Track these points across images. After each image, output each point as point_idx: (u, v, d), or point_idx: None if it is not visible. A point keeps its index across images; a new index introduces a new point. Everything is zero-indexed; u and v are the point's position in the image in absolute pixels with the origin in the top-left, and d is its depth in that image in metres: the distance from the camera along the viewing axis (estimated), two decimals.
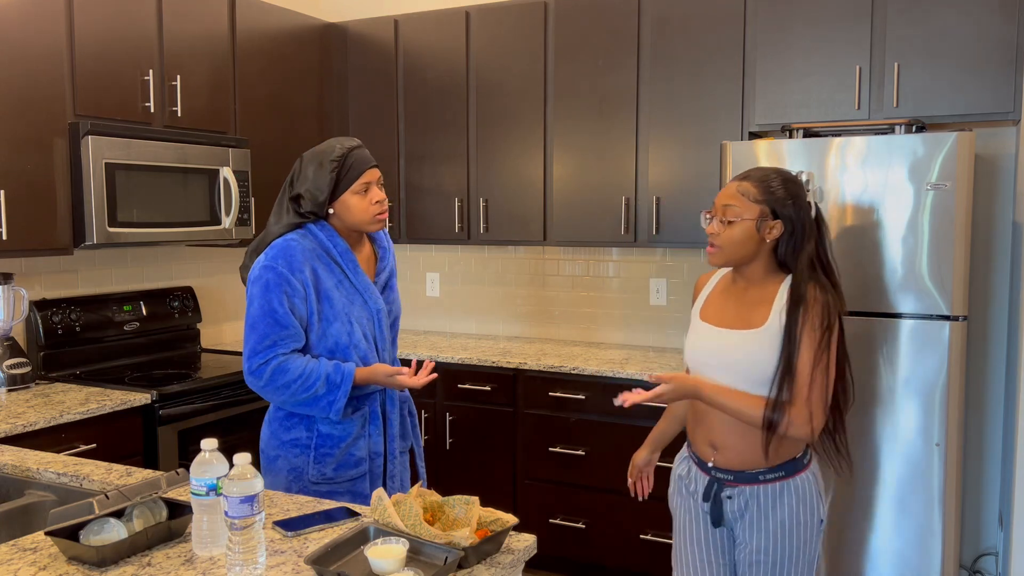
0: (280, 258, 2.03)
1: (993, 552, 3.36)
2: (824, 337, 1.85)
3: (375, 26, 4.06)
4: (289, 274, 2.03)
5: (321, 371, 2.04)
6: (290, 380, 2.03)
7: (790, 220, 1.90)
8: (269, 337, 2.02)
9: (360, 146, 2.12)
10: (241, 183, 3.48)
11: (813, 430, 1.86)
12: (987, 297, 3.31)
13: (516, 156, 3.80)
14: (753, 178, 1.93)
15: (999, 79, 2.91)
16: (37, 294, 3.22)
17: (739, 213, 1.90)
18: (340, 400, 2.05)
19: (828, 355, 1.86)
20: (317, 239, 2.11)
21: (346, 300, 2.12)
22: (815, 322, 1.85)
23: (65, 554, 1.50)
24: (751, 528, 1.97)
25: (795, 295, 1.88)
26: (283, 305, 2.02)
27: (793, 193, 1.91)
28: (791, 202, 1.90)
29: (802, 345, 1.86)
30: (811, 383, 1.85)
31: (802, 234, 1.90)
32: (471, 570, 1.45)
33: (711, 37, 3.36)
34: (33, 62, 2.84)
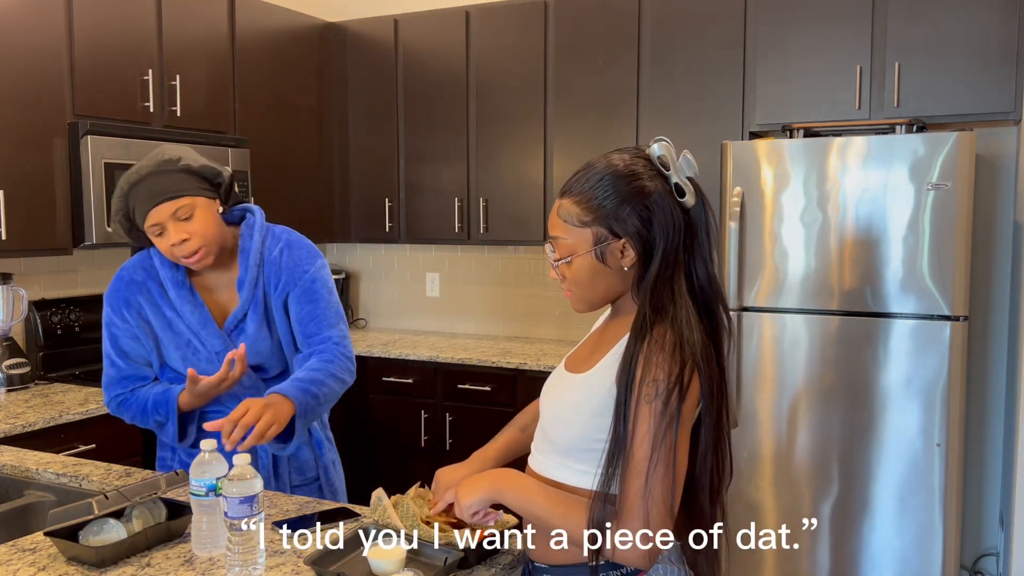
0: (109, 294, 1.91)
1: (994, 552, 3.36)
2: (667, 408, 1.22)
3: (375, 26, 4.06)
4: (112, 313, 1.89)
5: (148, 402, 1.87)
6: (134, 415, 1.91)
7: (637, 235, 1.31)
8: (107, 375, 1.91)
9: (154, 172, 1.79)
10: (241, 183, 3.48)
11: (647, 555, 1.23)
12: (987, 297, 3.31)
13: (516, 156, 3.80)
14: (573, 192, 1.35)
15: (999, 79, 2.91)
16: (36, 294, 3.21)
17: (570, 247, 1.36)
18: (170, 428, 1.87)
19: (674, 436, 1.22)
20: (152, 264, 1.92)
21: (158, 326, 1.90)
22: (656, 387, 1.23)
23: (64, 554, 1.49)
24: None
25: (631, 342, 1.29)
26: (111, 343, 1.89)
27: (628, 193, 1.31)
28: (629, 208, 1.30)
29: (636, 422, 1.24)
30: (647, 480, 1.22)
31: (651, 245, 1.31)
32: (471, 570, 1.45)
33: (711, 37, 3.36)
34: (33, 62, 2.84)
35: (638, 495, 1.22)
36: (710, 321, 1.33)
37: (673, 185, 1.32)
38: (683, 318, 1.27)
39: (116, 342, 1.89)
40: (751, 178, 2.94)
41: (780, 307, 2.93)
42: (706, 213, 1.35)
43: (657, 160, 1.32)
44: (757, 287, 2.96)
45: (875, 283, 2.80)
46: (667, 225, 1.31)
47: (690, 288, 1.32)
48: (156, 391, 1.89)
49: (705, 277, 1.34)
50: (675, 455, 1.23)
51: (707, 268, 1.34)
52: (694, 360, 1.25)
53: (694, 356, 1.25)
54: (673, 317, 1.27)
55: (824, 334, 2.87)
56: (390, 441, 3.83)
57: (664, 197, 1.31)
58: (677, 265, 1.32)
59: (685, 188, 1.32)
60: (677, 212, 1.32)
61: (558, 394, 1.42)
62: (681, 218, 1.33)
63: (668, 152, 1.31)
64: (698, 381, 1.25)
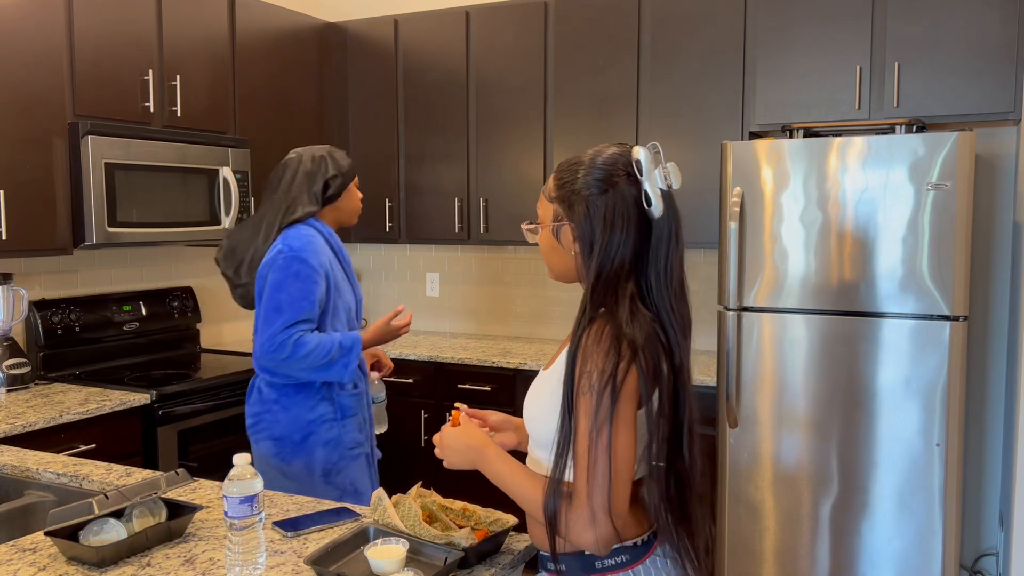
0: (307, 250, 2.26)
1: (993, 552, 3.36)
2: (602, 401, 1.24)
3: (375, 26, 4.06)
4: (317, 265, 2.26)
5: (335, 339, 2.27)
6: (309, 350, 2.22)
7: (580, 224, 1.35)
8: (295, 319, 2.22)
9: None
10: (241, 183, 3.48)
11: (596, 539, 1.26)
12: (987, 297, 3.31)
13: (516, 156, 3.80)
14: (559, 168, 1.42)
15: (999, 79, 2.91)
16: (37, 294, 3.22)
17: (540, 217, 1.46)
18: (353, 362, 2.28)
19: (609, 431, 1.24)
20: (323, 233, 2.35)
21: (343, 290, 2.39)
22: (591, 380, 1.25)
23: (65, 554, 1.49)
24: None
25: (573, 337, 1.32)
26: (311, 295, 2.24)
27: (588, 184, 1.34)
28: (581, 197, 1.34)
29: (578, 416, 1.27)
30: (589, 470, 1.25)
31: (591, 239, 1.34)
32: (471, 570, 1.45)
33: (711, 37, 3.36)
34: (33, 62, 2.84)
35: (582, 485, 1.26)
36: (666, 320, 1.34)
37: (643, 192, 1.32)
38: (624, 316, 1.28)
39: (314, 291, 2.25)
40: (751, 178, 2.94)
41: (780, 307, 2.94)
42: (671, 227, 1.35)
43: (634, 163, 1.33)
44: (757, 287, 2.96)
45: (875, 283, 2.80)
46: (614, 225, 1.32)
47: (640, 292, 1.33)
48: (337, 334, 2.29)
49: (656, 287, 1.34)
50: (612, 448, 1.25)
51: (659, 278, 1.34)
52: (632, 356, 1.26)
53: (632, 352, 1.26)
54: (613, 314, 1.29)
55: (824, 334, 2.87)
56: (390, 441, 3.84)
57: (625, 199, 1.33)
58: (623, 267, 1.33)
59: (653, 197, 1.32)
60: (632, 217, 1.33)
61: (531, 391, 1.47)
62: (636, 223, 1.33)
63: (648, 159, 1.32)
64: (636, 377, 1.27)
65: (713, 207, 3.41)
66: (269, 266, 2.27)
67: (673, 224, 1.35)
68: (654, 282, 1.34)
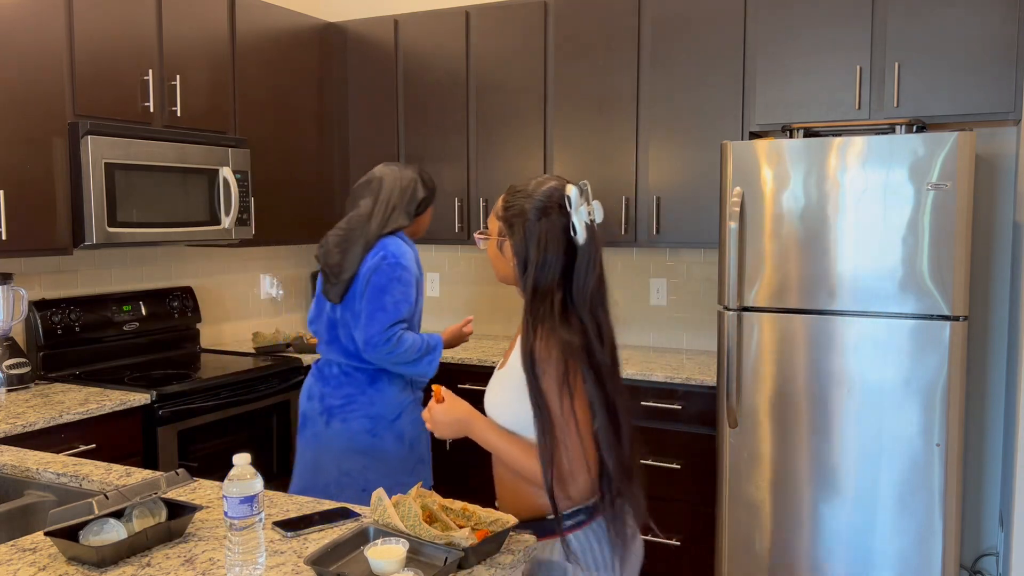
0: (406, 258, 2.58)
1: (993, 552, 3.36)
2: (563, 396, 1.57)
3: (375, 26, 4.06)
4: (418, 276, 2.63)
5: (424, 339, 2.62)
6: (407, 347, 2.54)
7: (516, 244, 1.64)
8: (398, 318, 2.54)
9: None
10: (241, 183, 3.48)
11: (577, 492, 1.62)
12: (987, 297, 3.31)
13: (516, 156, 3.80)
14: (509, 191, 1.69)
15: (999, 79, 2.91)
16: (37, 294, 3.22)
17: (490, 230, 1.74)
18: (436, 360, 2.64)
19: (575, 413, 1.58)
20: (411, 246, 2.66)
21: (422, 296, 2.71)
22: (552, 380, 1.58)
23: (65, 554, 1.49)
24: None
25: (524, 340, 1.62)
26: (409, 299, 2.57)
27: (527, 211, 1.63)
28: (520, 222, 1.63)
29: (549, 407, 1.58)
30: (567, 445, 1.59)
31: (525, 258, 1.62)
32: (471, 571, 1.45)
33: (711, 37, 3.36)
34: (33, 62, 2.84)
35: (561, 456, 1.59)
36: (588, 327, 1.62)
37: (571, 223, 1.61)
38: (559, 326, 1.59)
39: (411, 295, 2.57)
40: (751, 178, 2.94)
41: (780, 307, 2.94)
42: (591, 252, 1.64)
43: (566, 198, 1.62)
44: (757, 287, 2.96)
45: (875, 283, 2.80)
46: (546, 248, 1.62)
47: (565, 304, 1.62)
48: (425, 334, 2.64)
49: (578, 300, 1.63)
50: (578, 427, 1.60)
51: (581, 293, 1.63)
52: (574, 359, 1.59)
53: (573, 353, 1.59)
54: (551, 327, 1.59)
55: (824, 334, 2.87)
56: None
57: (555, 227, 1.62)
58: (553, 282, 1.62)
59: (579, 228, 1.61)
60: (561, 242, 1.62)
61: (491, 386, 1.74)
62: (563, 248, 1.62)
63: (577, 196, 1.61)
64: (580, 373, 1.60)
65: (713, 207, 3.41)
66: (374, 270, 2.54)
67: (593, 250, 1.64)
68: (576, 296, 1.63)
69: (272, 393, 3.39)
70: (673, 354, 3.72)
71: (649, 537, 3.33)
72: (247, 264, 4.17)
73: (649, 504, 3.39)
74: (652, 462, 3.30)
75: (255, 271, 4.22)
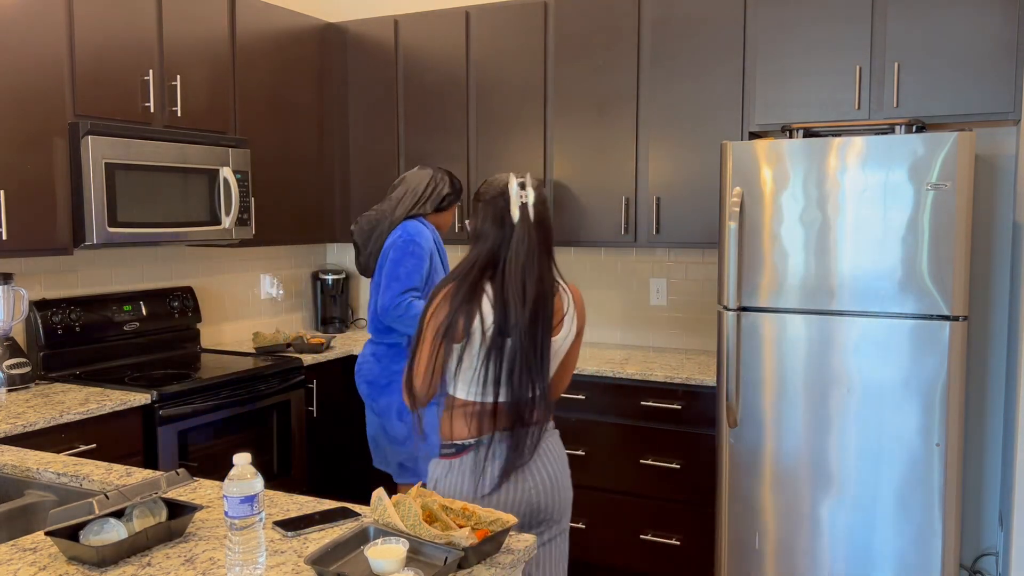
0: (420, 236, 2.97)
1: (993, 552, 3.36)
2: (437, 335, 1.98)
3: (375, 26, 4.06)
4: (426, 248, 2.95)
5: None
6: (416, 312, 2.87)
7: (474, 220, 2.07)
8: (408, 287, 2.90)
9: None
10: (241, 183, 3.48)
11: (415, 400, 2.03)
12: (987, 297, 3.31)
13: (516, 156, 3.80)
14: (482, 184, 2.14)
15: (999, 79, 2.91)
16: (37, 294, 3.22)
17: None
18: None
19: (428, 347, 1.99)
20: (430, 229, 3.05)
21: (439, 272, 3.03)
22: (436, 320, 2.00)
23: (65, 554, 1.50)
24: None
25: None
26: (420, 270, 2.93)
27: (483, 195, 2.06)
28: (480, 203, 2.06)
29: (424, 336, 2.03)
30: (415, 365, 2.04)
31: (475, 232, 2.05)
32: (471, 570, 1.45)
33: (711, 37, 3.36)
34: (33, 62, 2.84)
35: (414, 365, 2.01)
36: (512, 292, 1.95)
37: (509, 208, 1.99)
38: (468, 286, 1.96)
39: (422, 267, 2.93)
40: (750, 178, 2.94)
41: (780, 307, 2.94)
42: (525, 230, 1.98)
43: (508, 188, 2.01)
44: (757, 287, 2.96)
45: (874, 283, 2.80)
46: (483, 222, 2.01)
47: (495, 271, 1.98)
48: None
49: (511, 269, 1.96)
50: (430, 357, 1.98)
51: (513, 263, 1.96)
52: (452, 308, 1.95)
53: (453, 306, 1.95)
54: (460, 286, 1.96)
55: (824, 334, 2.87)
56: None
57: (496, 209, 2.00)
58: (491, 253, 1.99)
59: (514, 212, 1.98)
60: (498, 220, 1.99)
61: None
62: (499, 224, 1.99)
63: (516, 187, 1.99)
64: (461, 323, 1.94)
65: (713, 207, 3.41)
66: (391, 246, 2.97)
67: (526, 228, 1.98)
68: (511, 266, 1.96)
69: (272, 393, 3.40)
70: (673, 354, 3.72)
71: (650, 536, 3.34)
72: (247, 264, 4.17)
73: (649, 504, 3.40)
74: (652, 462, 3.31)
75: (255, 271, 4.22)
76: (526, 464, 1.99)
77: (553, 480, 2.03)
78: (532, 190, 1.99)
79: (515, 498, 1.98)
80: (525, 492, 1.99)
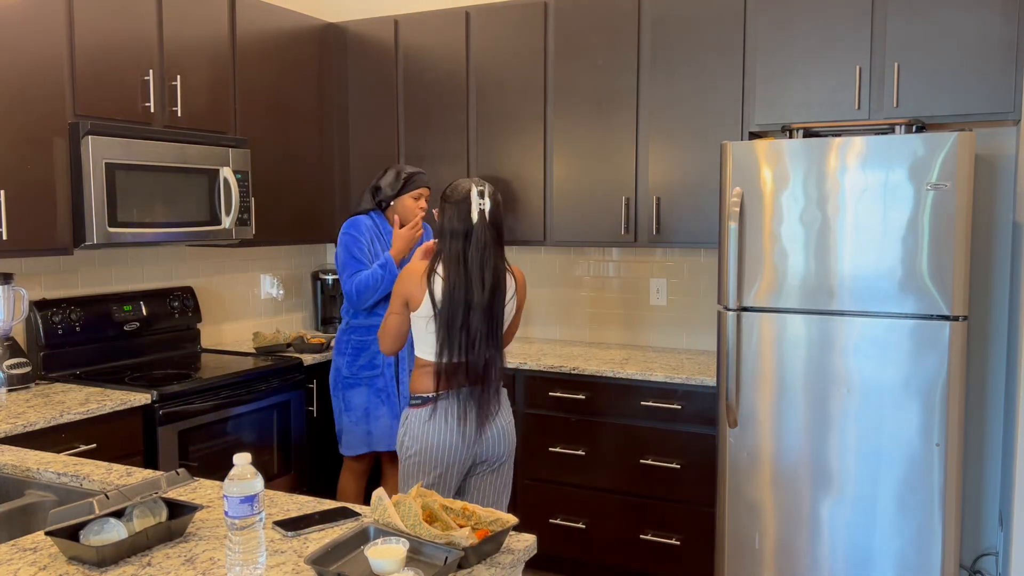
0: (351, 226, 3.34)
1: (993, 552, 3.36)
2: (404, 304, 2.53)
3: (375, 26, 4.06)
4: (357, 233, 3.33)
5: (375, 266, 3.29)
6: (364, 278, 3.27)
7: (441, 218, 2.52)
8: (352, 269, 3.30)
9: (423, 172, 3.44)
10: (241, 183, 3.48)
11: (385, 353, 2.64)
12: (987, 297, 3.31)
13: (516, 156, 3.80)
14: (447, 187, 2.59)
15: (999, 79, 2.91)
16: (37, 294, 3.22)
17: (436, 212, 2.63)
18: (395, 271, 3.26)
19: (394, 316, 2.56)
20: (374, 220, 3.40)
21: (379, 256, 3.38)
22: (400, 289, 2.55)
23: (65, 554, 1.50)
24: None
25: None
26: (354, 248, 3.31)
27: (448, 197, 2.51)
28: (444, 204, 2.51)
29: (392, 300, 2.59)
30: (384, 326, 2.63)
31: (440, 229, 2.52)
32: (471, 570, 1.45)
33: (711, 37, 3.36)
34: (33, 62, 2.84)
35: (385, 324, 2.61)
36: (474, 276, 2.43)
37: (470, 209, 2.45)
38: (439, 264, 2.46)
39: (354, 247, 3.31)
40: (750, 178, 2.94)
41: (779, 307, 2.94)
42: (482, 231, 2.44)
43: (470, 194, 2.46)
44: (756, 287, 2.96)
45: (874, 283, 2.80)
46: (451, 221, 2.46)
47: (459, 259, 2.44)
48: (373, 264, 3.32)
49: (472, 258, 2.43)
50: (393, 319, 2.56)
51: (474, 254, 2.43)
52: (424, 285, 2.46)
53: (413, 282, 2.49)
54: (429, 270, 2.47)
55: (823, 334, 2.87)
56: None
57: (460, 211, 2.45)
58: (455, 244, 2.44)
59: (473, 213, 2.44)
60: (462, 220, 2.45)
61: None
62: (463, 223, 2.45)
63: (475, 192, 2.46)
64: (424, 298, 2.46)
65: (713, 207, 3.41)
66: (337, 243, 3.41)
67: (483, 227, 2.44)
68: (471, 256, 2.43)
69: (272, 393, 3.40)
70: (673, 354, 3.72)
71: (650, 536, 3.34)
72: (247, 264, 4.17)
73: (649, 504, 3.40)
74: (652, 462, 3.31)
75: (255, 271, 4.22)
76: (492, 416, 2.50)
77: (503, 432, 2.54)
78: (488, 198, 2.46)
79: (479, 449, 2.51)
80: (486, 442, 2.51)
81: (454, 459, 2.47)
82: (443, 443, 2.45)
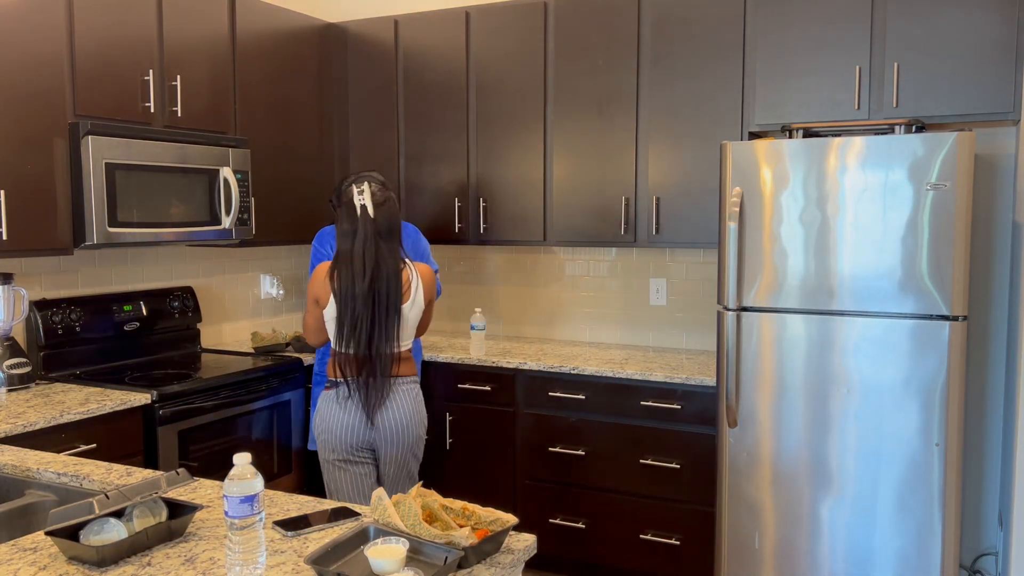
0: (316, 238, 3.34)
1: (993, 552, 3.36)
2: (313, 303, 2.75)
3: (375, 26, 4.06)
4: (319, 246, 3.31)
5: None
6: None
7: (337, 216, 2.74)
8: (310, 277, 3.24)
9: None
10: (241, 183, 3.48)
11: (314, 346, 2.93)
12: (987, 297, 3.31)
13: (516, 156, 3.80)
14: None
15: (999, 79, 2.92)
16: (37, 294, 3.22)
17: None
18: None
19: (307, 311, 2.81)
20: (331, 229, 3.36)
21: None
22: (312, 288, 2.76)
23: (65, 554, 1.50)
24: None
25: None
26: (313, 263, 3.25)
27: (340, 195, 2.73)
28: (336, 202, 2.74)
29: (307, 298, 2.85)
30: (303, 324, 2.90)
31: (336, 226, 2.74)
32: (471, 570, 1.45)
33: (711, 37, 3.36)
34: (33, 62, 2.84)
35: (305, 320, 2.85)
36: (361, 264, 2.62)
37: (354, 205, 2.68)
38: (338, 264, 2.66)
39: (320, 258, 3.27)
40: (750, 178, 2.94)
41: (779, 307, 2.94)
42: (366, 224, 2.64)
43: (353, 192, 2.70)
44: (756, 287, 2.96)
45: (874, 283, 2.80)
46: (342, 228, 2.68)
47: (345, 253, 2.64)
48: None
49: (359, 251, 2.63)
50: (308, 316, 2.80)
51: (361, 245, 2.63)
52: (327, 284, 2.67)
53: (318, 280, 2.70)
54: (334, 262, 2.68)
55: (823, 334, 2.87)
56: None
57: (348, 208, 2.67)
58: (346, 240, 2.65)
59: (357, 208, 2.66)
60: (351, 215, 2.66)
61: None
62: (351, 217, 2.65)
63: (356, 190, 2.67)
64: (330, 298, 2.66)
65: (713, 207, 3.41)
66: None
67: (365, 224, 2.64)
68: (355, 250, 2.62)
69: (272, 392, 3.40)
70: (673, 354, 3.72)
71: (650, 536, 3.34)
72: (247, 264, 4.17)
73: (649, 504, 3.41)
74: (652, 462, 3.31)
75: (255, 271, 4.22)
76: (379, 408, 2.66)
77: (398, 424, 2.69)
78: (368, 194, 2.64)
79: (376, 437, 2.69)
80: (381, 431, 2.68)
81: (350, 443, 2.68)
82: (339, 425, 2.68)
